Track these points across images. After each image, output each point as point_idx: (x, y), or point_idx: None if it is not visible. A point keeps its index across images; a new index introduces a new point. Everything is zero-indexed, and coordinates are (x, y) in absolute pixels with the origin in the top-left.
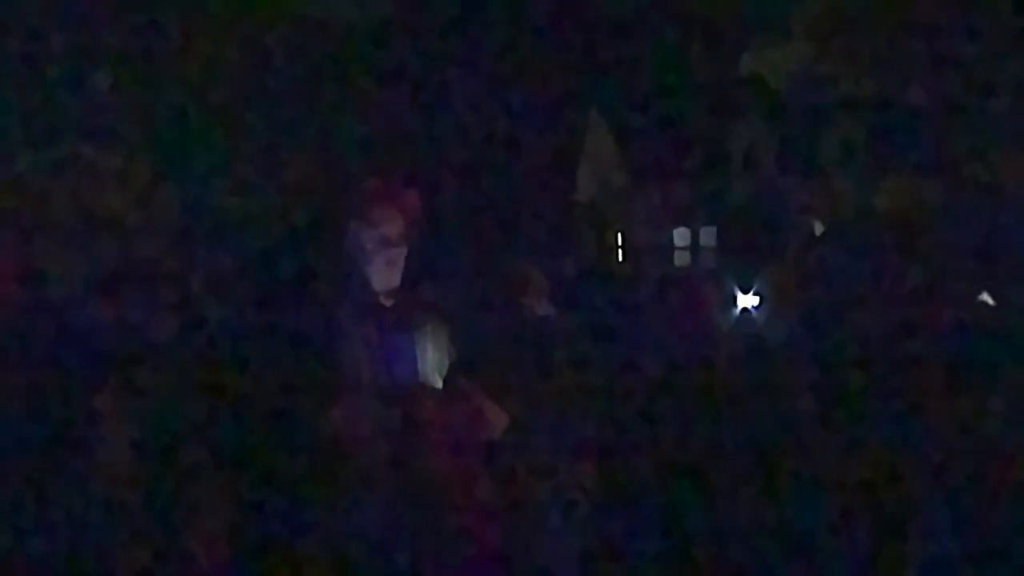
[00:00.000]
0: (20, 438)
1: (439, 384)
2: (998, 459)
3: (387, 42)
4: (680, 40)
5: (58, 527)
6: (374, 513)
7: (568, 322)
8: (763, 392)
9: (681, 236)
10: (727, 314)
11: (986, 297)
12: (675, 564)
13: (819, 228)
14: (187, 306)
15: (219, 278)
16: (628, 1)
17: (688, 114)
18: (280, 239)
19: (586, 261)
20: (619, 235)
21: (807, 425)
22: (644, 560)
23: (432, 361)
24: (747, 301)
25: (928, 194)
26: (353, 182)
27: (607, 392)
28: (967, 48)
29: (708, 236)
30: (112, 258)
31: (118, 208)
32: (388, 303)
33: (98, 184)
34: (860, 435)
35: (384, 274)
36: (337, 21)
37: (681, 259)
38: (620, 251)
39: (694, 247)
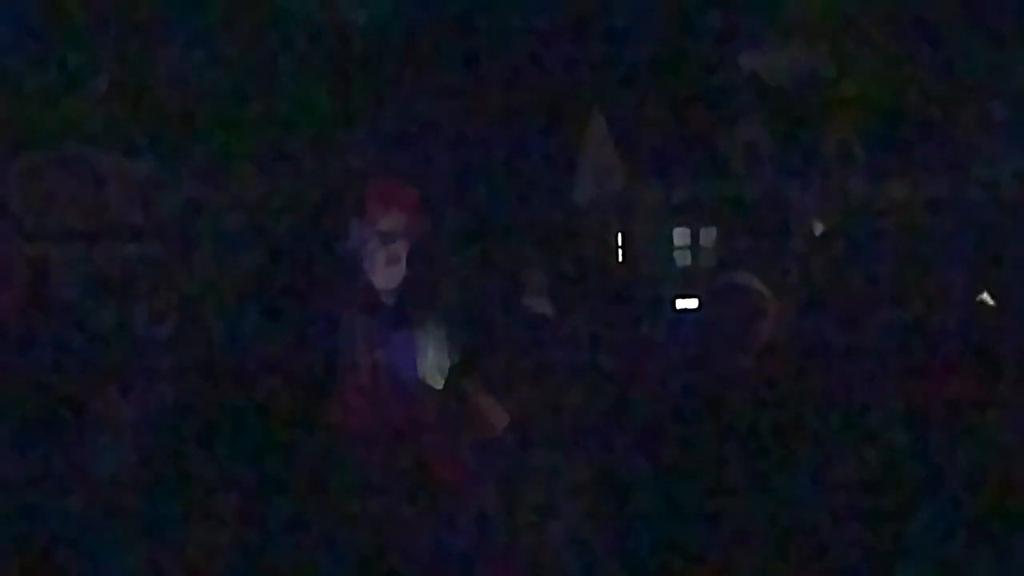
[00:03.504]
0: (19, 439)
1: (439, 384)
2: (998, 459)
3: (387, 43)
4: (680, 40)
5: (58, 528)
6: (373, 513)
7: (568, 322)
8: (764, 391)
9: (681, 236)
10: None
11: (986, 297)
12: (675, 564)
13: (819, 228)
14: (187, 306)
15: (219, 277)
16: (629, 2)
17: (688, 114)
18: (280, 238)
19: (586, 261)
20: (619, 235)
21: (807, 424)
22: (644, 560)
23: (432, 361)
24: None
25: (928, 194)
26: (354, 181)
27: (607, 392)
28: (967, 48)
29: (708, 236)
30: (112, 258)
31: (118, 208)
32: (389, 302)
33: (98, 184)
34: (859, 435)
35: (385, 273)
36: (338, 21)
37: (681, 259)
38: (620, 251)
39: (694, 247)
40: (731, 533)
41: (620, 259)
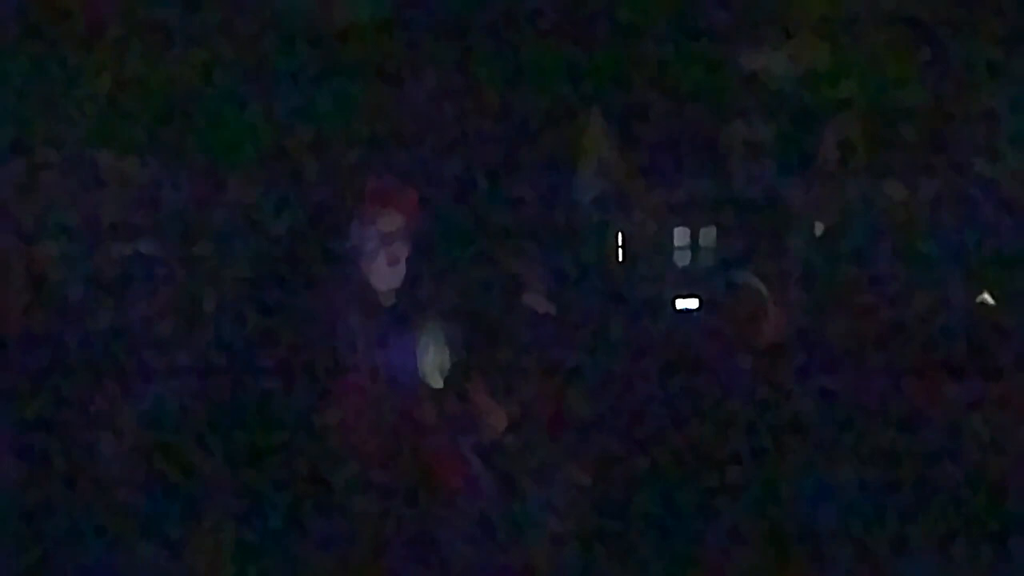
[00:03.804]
0: (20, 438)
1: (439, 384)
2: (998, 459)
3: (387, 42)
4: (680, 40)
5: (58, 528)
6: (373, 513)
7: (568, 322)
8: (764, 391)
9: (681, 236)
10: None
11: (986, 297)
12: (675, 564)
13: (819, 228)
14: (187, 306)
15: (219, 278)
16: (628, 1)
17: (688, 114)
18: (280, 239)
19: (586, 261)
20: (619, 235)
21: (807, 424)
22: (644, 560)
23: (432, 361)
24: None
25: (928, 194)
26: (353, 181)
27: (607, 392)
28: (967, 48)
29: (708, 236)
30: (112, 258)
31: (118, 208)
32: (388, 303)
33: (98, 184)
34: (859, 435)
35: (384, 273)
36: (337, 21)
37: (681, 259)
38: (620, 251)
39: (694, 247)
40: (731, 533)
41: (620, 259)
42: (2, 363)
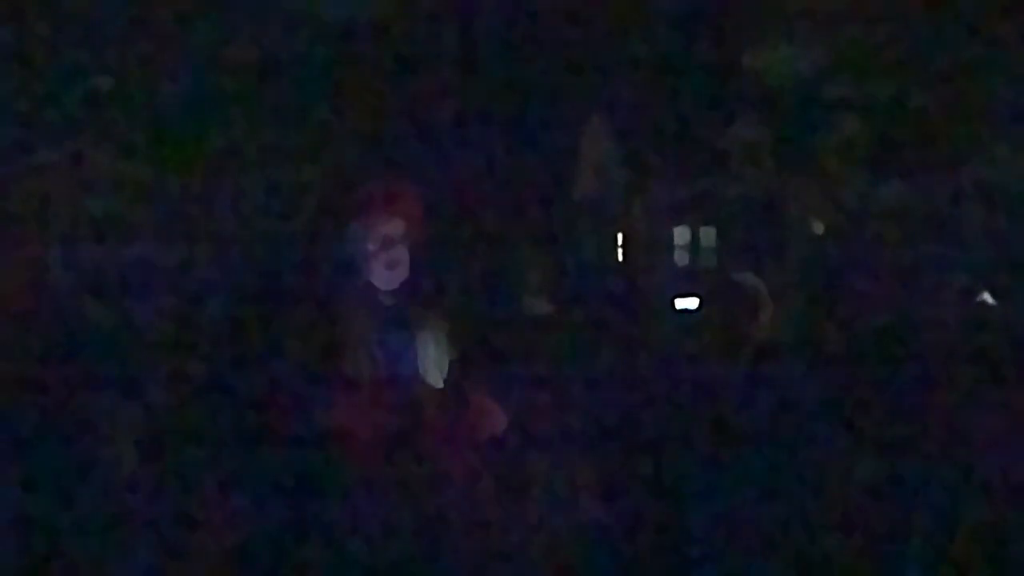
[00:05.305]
0: (20, 438)
1: (439, 383)
2: (997, 459)
3: (386, 42)
4: (680, 39)
5: (58, 527)
6: (373, 513)
7: (568, 321)
8: (764, 391)
9: (681, 236)
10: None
11: (986, 297)
12: (674, 564)
13: (819, 228)
14: (187, 306)
15: (219, 278)
16: (628, 1)
17: (688, 114)
18: (280, 239)
19: (586, 261)
20: (619, 235)
21: (807, 423)
22: (644, 560)
23: (432, 361)
24: None
25: (928, 194)
26: (354, 182)
27: (607, 392)
28: (967, 48)
29: (708, 236)
30: (112, 258)
31: (118, 208)
32: (388, 303)
33: (98, 184)
34: (859, 434)
35: (384, 274)
36: (337, 21)
37: (681, 258)
38: (620, 250)
39: (694, 247)
40: (730, 532)
41: (620, 259)
42: (2, 363)
